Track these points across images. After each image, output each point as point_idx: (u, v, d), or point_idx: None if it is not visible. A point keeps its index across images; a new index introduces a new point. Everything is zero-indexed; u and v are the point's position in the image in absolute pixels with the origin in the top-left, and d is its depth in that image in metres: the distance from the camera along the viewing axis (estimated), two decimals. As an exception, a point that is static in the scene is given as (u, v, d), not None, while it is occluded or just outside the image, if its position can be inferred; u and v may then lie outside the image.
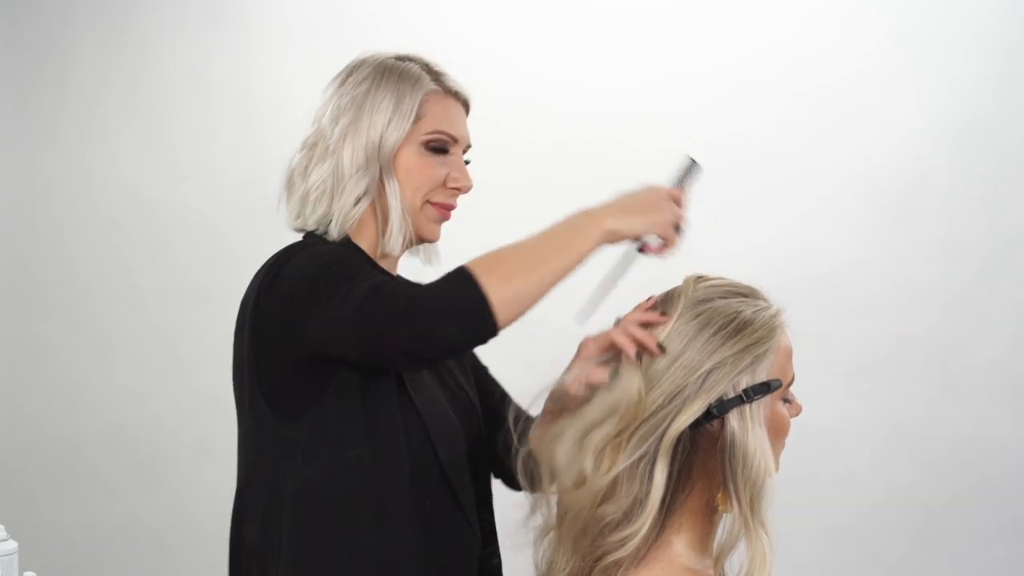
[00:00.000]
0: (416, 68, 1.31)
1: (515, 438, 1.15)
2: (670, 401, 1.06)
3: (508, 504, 1.23)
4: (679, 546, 1.08)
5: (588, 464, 1.06)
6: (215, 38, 2.71)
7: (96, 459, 2.75)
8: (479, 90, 1.46)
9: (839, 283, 2.53)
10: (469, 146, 1.35)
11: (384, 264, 1.34)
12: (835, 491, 2.54)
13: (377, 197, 1.28)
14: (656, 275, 1.78)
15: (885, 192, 2.53)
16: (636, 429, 1.06)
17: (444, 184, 1.31)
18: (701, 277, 1.18)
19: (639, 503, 1.06)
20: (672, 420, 1.06)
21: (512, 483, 1.33)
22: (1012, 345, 2.53)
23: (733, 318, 1.10)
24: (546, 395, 1.20)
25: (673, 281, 1.28)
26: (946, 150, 2.52)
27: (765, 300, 1.15)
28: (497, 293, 1.09)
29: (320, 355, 1.16)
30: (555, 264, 1.15)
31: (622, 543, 1.05)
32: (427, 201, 1.32)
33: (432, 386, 1.29)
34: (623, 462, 1.05)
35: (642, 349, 1.08)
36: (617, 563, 1.06)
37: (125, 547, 2.75)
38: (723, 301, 1.13)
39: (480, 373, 1.47)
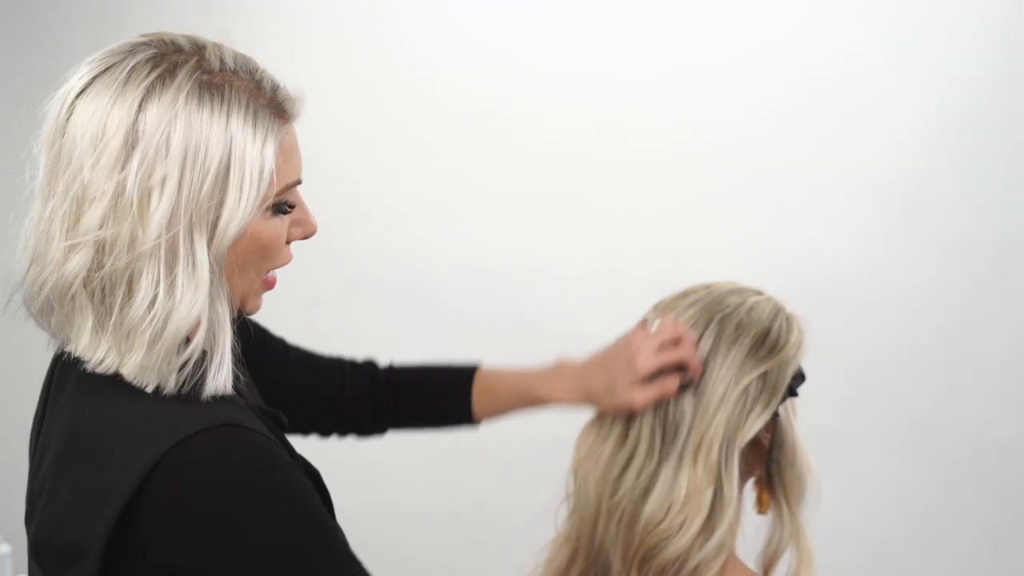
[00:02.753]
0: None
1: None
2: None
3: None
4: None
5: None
6: (215, 37, 2.69)
7: (92, 461, 2.73)
8: (480, 81, 1.43)
9: (845, 284, 2.51)
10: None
11: None
12: (840, 492, 2.52)
13: None
14: (657, 278, 1.77)
15: (892, 192, 2.51)
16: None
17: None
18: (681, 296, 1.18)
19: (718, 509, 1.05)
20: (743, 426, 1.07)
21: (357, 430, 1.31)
22: (1018, 347, 2.52)
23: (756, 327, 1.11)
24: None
25: (672, 283, 1.28)
26: (954, 150, 2.51)
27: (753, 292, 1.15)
28: None
29: None
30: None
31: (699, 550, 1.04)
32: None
33: None
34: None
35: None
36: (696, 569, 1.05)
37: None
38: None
39: (290, 357, 1.33)
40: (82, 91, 0.88)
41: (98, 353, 0.87)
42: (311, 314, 2.53)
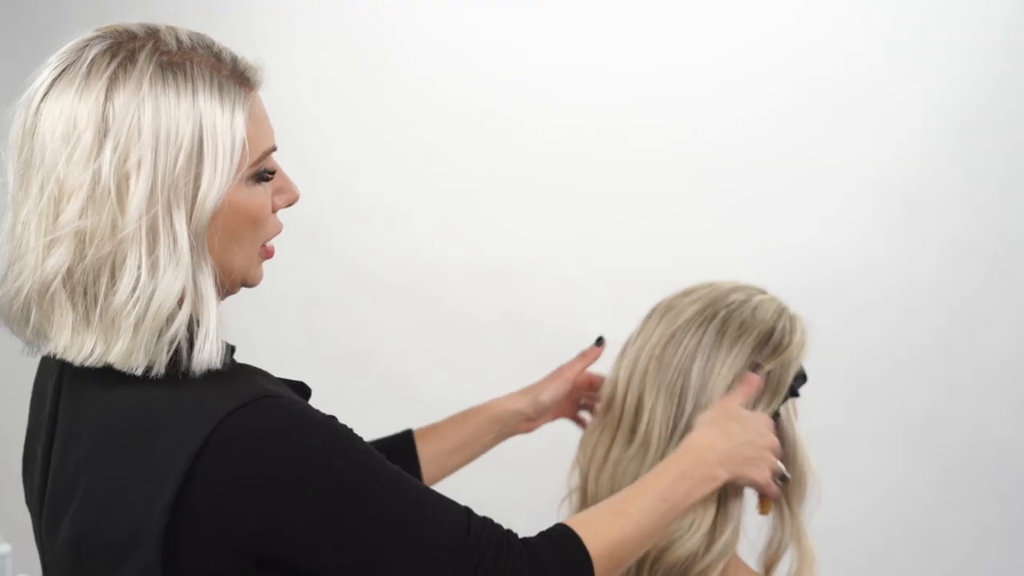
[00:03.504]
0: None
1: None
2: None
3: None
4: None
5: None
6: (213, 36, 2.69)
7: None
8: (480, 81, 1.42)
9: (845, 284, 2.51)
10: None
11: None
12: (840, 492, 2.51)
13: None
14: (657, 278, 1.77)
15: (892, 192, 2.51)
16: None
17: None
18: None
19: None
20: None
21: None
22: (1018, 347, 2.52)
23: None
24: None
25: (672, 282, 1.28)
26: (954, 150, 2.50)
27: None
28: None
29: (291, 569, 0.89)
30: (664, 524, 1.01)
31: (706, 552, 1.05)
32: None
33: None
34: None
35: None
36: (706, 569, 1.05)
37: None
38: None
39: None
40: (46, 93, 0.89)
41: (84, 348, 0.88)
42: (311, 314, 2.53)
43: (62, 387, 0.98)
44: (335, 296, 2.56)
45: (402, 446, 1.30)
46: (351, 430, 0.92)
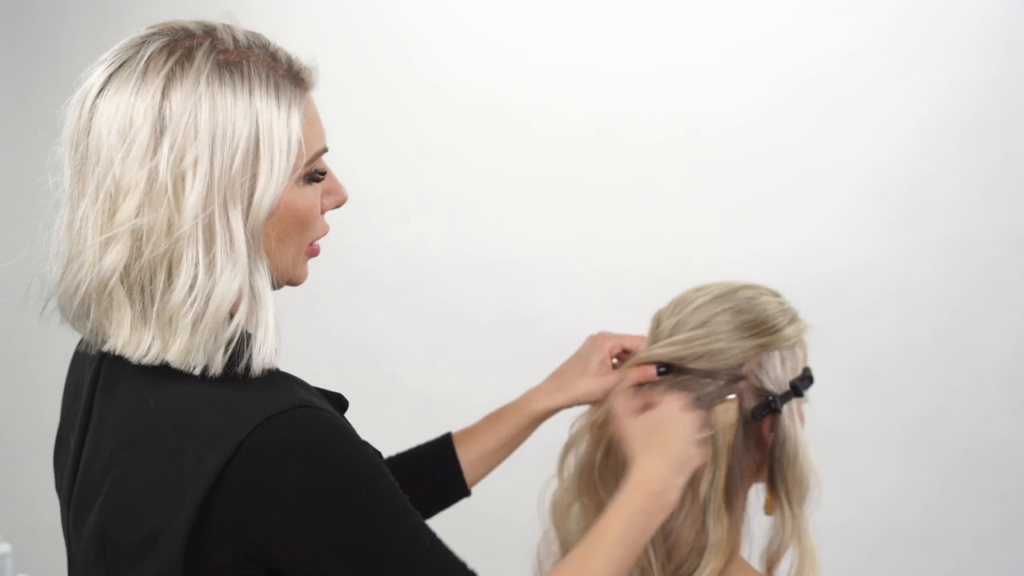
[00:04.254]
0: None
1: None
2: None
3: None
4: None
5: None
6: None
7: (92, 460, 2.73)
8: (480, 80, 1.42)
9: (844, 283, 2.51)
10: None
11: None
12: (839, 492, 2.51)
13: None
14: (657, 277, 1.78)
15: (891, 191, 2.51)
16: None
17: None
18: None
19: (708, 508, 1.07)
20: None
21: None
22: (1018, 347, 2.52)
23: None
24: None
25: (672, 281, 1.28)
26: (954, 150, 2.51)
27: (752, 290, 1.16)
28: None
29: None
30: (629, 564, 1.03)
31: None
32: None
33: None
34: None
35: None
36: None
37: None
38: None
39: None
40: (101, 89, 0.89)
41: (142, 345, 0.88)
42: (311, 312, 2.53)
43: (99, 379, 0.98)
44: (335, 295, 2.56)
45: (443, 452, 1.29)
46: (381, 460, 0.92)
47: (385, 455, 1.23)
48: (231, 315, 0.88)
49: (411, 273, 2.56)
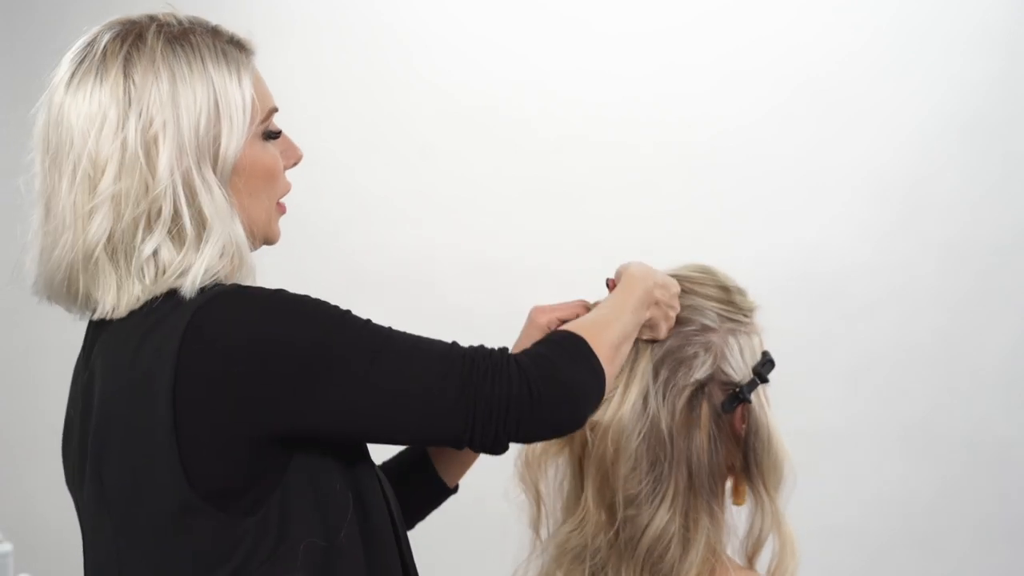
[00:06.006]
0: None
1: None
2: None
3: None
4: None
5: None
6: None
7: (92, 460, 2.73)
8: (481, 80, 1.42)
9: (843, 283, 2.51)
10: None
11: None
12: (838, 492, 2.52)
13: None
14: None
15: (891, 191, 2.52)
16: None
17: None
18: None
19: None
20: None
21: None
22: (1017, 346, 2.52)
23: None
24: None
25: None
26: (954, 150, 2.51)
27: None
28: (609, 376, 1.07)
29: (301, 436, 0.94)
30: (629, 343, 1.13)
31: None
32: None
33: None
34: None
35: None
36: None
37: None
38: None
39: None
40: (67, 85, 0.95)
41: (131, 297, 0.93)
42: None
43: (92, 353, 1.00)
44: (335, 295, 2.54)
45: (416, 456, 1.29)
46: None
47: (385, 456, 1.23)
48: (214, 263, 0.93)
49: (411, 273, 2.56)
